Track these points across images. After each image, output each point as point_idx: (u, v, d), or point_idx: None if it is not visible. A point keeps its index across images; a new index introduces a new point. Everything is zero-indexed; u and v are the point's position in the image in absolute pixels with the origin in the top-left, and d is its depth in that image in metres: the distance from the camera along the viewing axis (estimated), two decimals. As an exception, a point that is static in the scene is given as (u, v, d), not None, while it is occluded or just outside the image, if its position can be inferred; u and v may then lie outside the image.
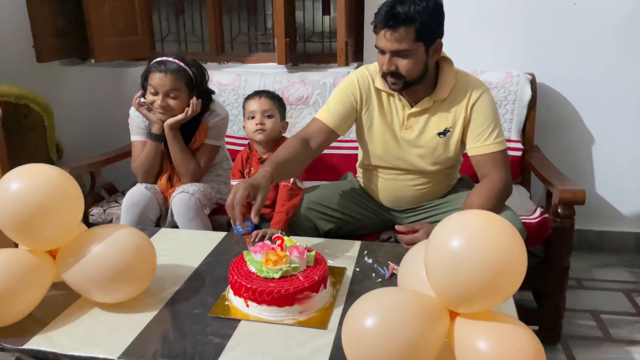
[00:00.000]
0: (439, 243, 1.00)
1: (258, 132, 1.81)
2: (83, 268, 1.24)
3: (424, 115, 1.68)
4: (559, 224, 1.76)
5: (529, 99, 2.22)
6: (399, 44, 1.51)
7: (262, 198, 1.42)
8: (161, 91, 1.88)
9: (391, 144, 1.72)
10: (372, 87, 1.70)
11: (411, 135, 1.70)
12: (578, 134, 2.44)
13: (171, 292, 1.35)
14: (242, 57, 2.83)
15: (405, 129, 1.70)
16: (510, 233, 0.96)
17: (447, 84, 1.63)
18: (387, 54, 1.55)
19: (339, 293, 1.35)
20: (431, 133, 1.68)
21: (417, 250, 1.20)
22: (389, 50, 1.54)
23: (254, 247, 1.34)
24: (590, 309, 2.10)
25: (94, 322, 1.24)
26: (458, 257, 0.95)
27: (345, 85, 1.73)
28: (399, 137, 1.71)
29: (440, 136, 1.68)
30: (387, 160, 1.75)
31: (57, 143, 2.82)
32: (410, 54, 1.53)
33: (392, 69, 1.56)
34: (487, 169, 1.62)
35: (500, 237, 0.95)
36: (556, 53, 2.37)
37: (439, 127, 1.67)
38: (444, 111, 1.66)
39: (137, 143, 2.02)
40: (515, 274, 0.95)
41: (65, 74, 2.87)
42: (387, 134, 1.72)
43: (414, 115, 1.68)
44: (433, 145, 1.69)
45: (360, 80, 1.71)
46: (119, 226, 1.33)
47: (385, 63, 1.56)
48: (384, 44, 1.54)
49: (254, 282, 1.25)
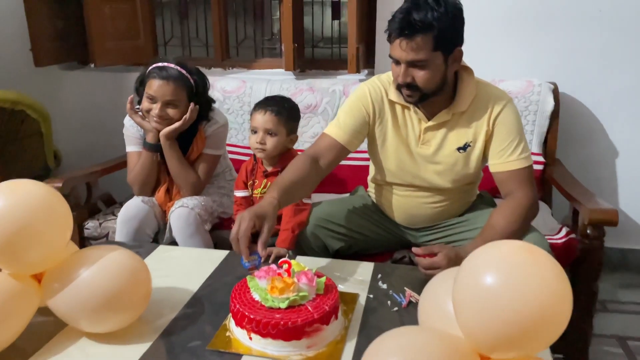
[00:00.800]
0: (471, 277, 0.87)
1: (258, 151, 1.70)
2: (70, 295, 1.12)
3: (442, 129, 1.56)
4: (587, 246, 1.63)
5: (552, 109, 2.10)
6: (416, 54, 1.39)
7: (269, 228, 1.32)
8: (160, 100, 1.77)
9: (406, 160, 1.60)
10: (386, 99, 1.58)
11: (428, 150, 1.58)
12: (601, 146, 2.32)
13: (167, 321, 1.23)
14: (247, 63, 2.72)
15: (421, 143, 1.58)
16: (555, 270, 0.84)
17: (467, 95, 1.52)
18: (402, 65, 1.43)
19: (351, 324, 1.22)
20: (450, 148, 1.56)
21: (442, 280, 1.07)
22: (404, 61, 1.42)
23: (258, 271, 1.23)
24: (615, 334, 1.97)
25: (81, 355, 1.12)
26: (494, 295, 0.83)
27: (356, 98, 1.61)
28: (414, 153, 1.59)
29: (459, 151, 1.56)
30: (402, 177, 1.63)
31: (55, 150, 2.73)
32: (427, 64, 1.41)
33: (408, 81, 1.44)
34: (511, 186, 1.50)
35: (544, 274, 0.83)
36: (579, 61, 2.25)
37: (458, 142, 1.56)
38: (463, 124, 1.54)
39: (133, 154, 1.90)
40: (561, 319, 0.82)
41: (65, 79, 2.79)
42: (401, 149, 1.60)
43: (431, 129, 1.56)
44: (452, 161, 1.57)
45: (372, 92, 1.59)
46: (111, 247, 1.22)
47: (401, 74, 1.44)
48: (399, 54, 1.42)
49: (258, 312, 1.13)
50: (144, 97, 1.79)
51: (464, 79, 1.53)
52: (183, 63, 1.82)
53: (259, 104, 1.73)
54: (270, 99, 1.75)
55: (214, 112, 1.91)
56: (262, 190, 1.73)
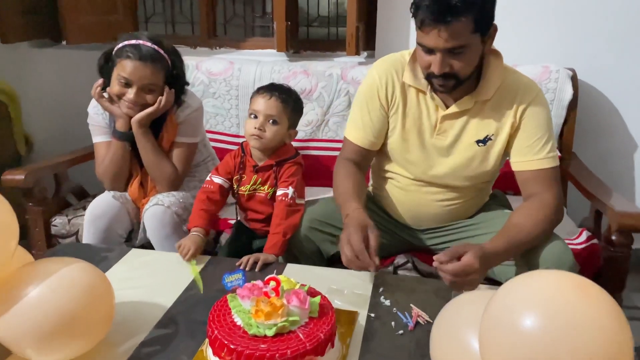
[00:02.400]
0: (505, 315, 0.70)
1: (254, 137, 1.48)
2: (13, 318, 0.95)
3: (462, 118, 1.37)
4: (612, 253, 1.46)
5: (570, 98, 1.91)
6: (456, 40, 1.20)
7: (376, 235, 1.24)
8: (137, 84, 1.55)
9: (417, 152, 1.42)
10: (398, 82, 1.40)
11: (444, 141, 1.39)
12: (620, 139, 2.14)
13: (133, 345, 1.06)
14: (236, 42, 2.51)
15: (437, 134, 1.40)
16: (612, 312, 0.67)
17: (493, 82, 1.33)
18: (437, 54, 1.23)
19: (350, 350, 1.05)
20: (468, 140, 1.38)
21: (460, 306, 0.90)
22: (442, 49, 1.22)
23: (241, 289, 1.04)
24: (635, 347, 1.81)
25: (26, 391, 0.94)
26: (534, 341, 0.66)
27: (368, 89, 1.43)
28: (427, 144, 1.41)
29: (479, 144, 1.38)
30: (411, 170, 1.45)
31: (26, 135, 2.52)
32: (466, 50, 1.23)
33: (446, 70, 1.25)
34: (536, 188, 1.33)
35: (600, 316, 0.66)
36: (600, 46, 2.06)
37: (478, 134, 1.37)
38: (486, 115, 1.36)
39: (101, 145, 1.69)
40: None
41: (35, 58, 2.56)
42: (413, 139, 1.42)
43: (450, 117, 1.38)
44: (469, 155, 1.39)
45: (382, 77, 1.41)
46: (64, 260, 1.03)
47: (437, 64, 1.24)
48: (434, 43, 1.22)
49: (240, 341, 0.95)
50: (115, 79, 1.57)
51: (491, 63, 1.34)
52: (158, 40, 1.60)
53: (263, 88, 1.52)
54: (277, 86, 1.54)
55: (186, 95, 1.70)
56: (251, 187, 1.53)
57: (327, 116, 2.09)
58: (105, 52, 1.63)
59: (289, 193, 1.47)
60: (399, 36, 2.21)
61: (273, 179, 1.52)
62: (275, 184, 1.51)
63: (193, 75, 2.16)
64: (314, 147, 2.11)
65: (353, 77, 2.06)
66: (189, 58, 2.21)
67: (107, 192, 1.68)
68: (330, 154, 2.10)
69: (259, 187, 1.53)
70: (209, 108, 2.15)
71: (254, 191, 1.54)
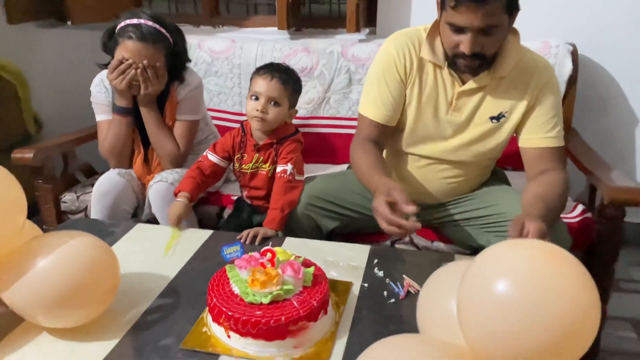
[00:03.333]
0: (481, 281, 0.74)
1: (256, 119, 1.50)
2: (25, 287, 1.00)
3: (478, 94, 1.38)
4: (605, 227, 1.48)
5: (570, 73, 1.91)
6: (490, 20, 1.21)
7: (400, 190, 1.23)
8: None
9: (431, 128, 1.43)
10: (415, 57, 1.39)
11: (459, 117, 1.40)
12: (622, 115, 2.14)
13: (138, 313, 1.11)
14: (238, 21, 2.51)
15: (453, 110, 1.40)
16: (582, 277, 0.70)
17: (510, 59, 1.34)
18: (469, 33, 1.24)
19: (343, 318, 1.10)
20: (483, 117, 1.40)
21: (445, 275, 0.94)
22: (474, 29, 1.23)
23: (239, 260, 1.09)
24: (629, 317, 1.85)
25: (39, 354, 1.01)
26: (508, 305, 0.70)
27: (385, 63, 1.42)
28: (442, 120, 1.42)
29: (492, 121, 1.39)
30: (422, 147, 1.46)
31: (36, 115, 2.56)
32: (497, 30, 1.24)
33: (477, 50, 1.26)
34: (546, 165, 1.35)
35: (568, 282, 0.69)
36: (601, 20, 2.04)
37: (493, 111, 1.39)
38: (501, 92, 1.37)
39: (104, 123, 1.73)
40: (586, 337, 0.69)
41: (41, 37, 2.59)
42: (427, 115, 1.42)
43: (466, 94, 1.39)
44: (482, 132, 1.41)
45: (399, 50, 1.40)
46: (72, 234, 1.08)
47: (469, 44, 1.24)
48: (468, 21, 1.22)
49: (237, 308, 1.01)
50: (117, 57, 1.60)
51: (509, 40, 1.35)
52: (159, 18, 1.62)
53: (263, 69, 1.53)
54: (275, 66, 1.55)
55: (186, 72, 1.72)
56: (253, 165, 1.57)
57: (328, 94, 2.11)
58: (108, 30, 1.65)
59: (287, 169, 1.51)
60: (400, 12, 2.21)
61: (274, 157, 1.55)
62: (275, 161, 1.55)
63: (196, 54, 2.18)
64: (315, 125, 2.14)
65: (354, 54, 2.07)
66: (191, 37, 2.24)
67: (112, 169, 1.73)
68: (331, 131, 2.13)
69: (260, 165, 1.57)
70: (212, 86, 2.18)
71: (256, 169, 1.58)
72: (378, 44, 2.03)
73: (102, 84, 1.73)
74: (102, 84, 1.74)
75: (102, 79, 1.74)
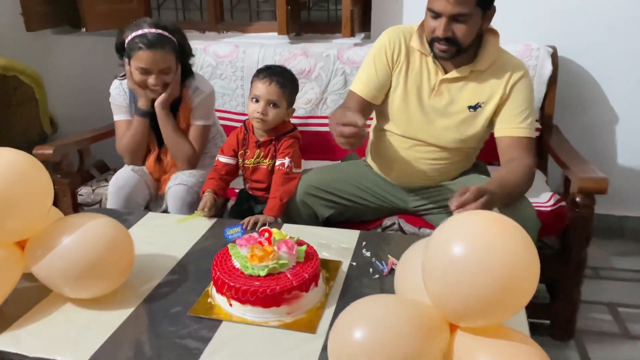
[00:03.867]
0: (439, 246, 0.87)
1: (257, 120, 1.64)
2: (52, 262, 1.14)
3: (458, 84, 1.56)
4: (577, 214, 1.61)
5: (549, 74, 2.04)
6: (461, 7, 1.40)
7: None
8: (155, 70, 1.72)
9: (415, 110, 1.60)
10: (404, 45, 1.59)
11: (440, 102, 1.58)
12: (601, 112, 2.26)
13: (150, 287, 1.25)
14: (242, 27, 2.67)
15: (435, 95, 1.58)
16: (521, 239, 0.83)
17: (489, 56, 1.52)
18: (443, 18, 1.43)
19: (332, 291, 1.24)
20: (461, 104, 1.56)
21: (418, 249, 1.07)
22: (447, 14, 1.42)
23: (240, 239, 1.23)
24: (606, 302, 1.97)
25: (64, 321, 1.15)
26: (460, 265, 0.83)
27: (377, 49, 1.63)
28: (425, 104, 1.59)
29: (470, 110, 1.56)
30: (407, 128, 1.63)
31: (51, 116, 2.71)
32: (469, 19, 1.43)
33: (449, 35, 1.44)
34: (515, 153, 1.50)
35: (509, 243, 0.82)
36: (581, 24, 2.17)
37: (470, 100, 1.55)
38: (479, 84, 1.54)
39: (122, 123, 1.88)
40: (526, 289, 0.82)
41: (57, 44, 2.75)
42: (412, 98, 1.60)
43: (448, 81, 1.56)
44: (461, 118, 1.57)
45: (391, 40, 1.60)
46: (93, 216, 1.22)
47: (442, 28, 1.44)
48: (442, 7, 1.42)
49: (238, 279, 1.15)
50: (135, 70, 1.73)
51: (489, 40, 1.53)
52: (160, 24, 1.75)
53: (262, 73, 1.65)
54: (273, 69, 1.68)
55: (197, 81, 1.87)
56: (255, 160, 1.71)
57: (325, 94, 2.25)
58: (116, 44, 1.80)
59: (285, 162, 1.65)
60: (393, 18, 2.34)
61: (273, 152, 1.69)
62: (274, 156, 1.69)
63: (202, 58, 2.33)
64: (313, 124, 2.27)
65: (349, 57, 2.21)
66: (198, 42, 2.39)
67: (126, 166, 1.88)
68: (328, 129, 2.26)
69: (261, 160, 1.71)
70: (217, 88, 2.32)
71: (257, 164, 1.72)
72: (371, 48, 2.17)
73: (121, 87, 1.87)
74: (121, 87, 1.87)
75: (120, 82, 1.89)
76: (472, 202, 1.20)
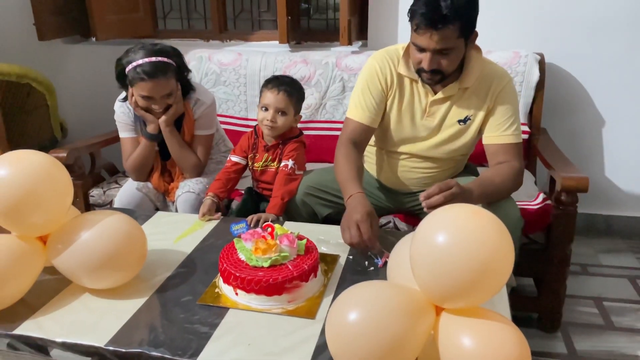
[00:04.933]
0: (424, 237, 0.97)
1: (267, 127, 1.75)
2: (72, 255, 1.23)
3: (447, 103, 1.63)
4: (561, 212, 1.71)
5: (537, 80, 2.14)
6: (444, 43, 1.45)
7: (377, 222, 1.48)
8: (157, 96, 1.79)
9: (409, 131, 1.68)
10: (394, 72, 1.65)
11: (432, 122, 1.65)
12: (588, 116, 2.36)
13: (162, 279, 1.35)
14: (245, 35, 2.77)
15: (427, 116, 1.65)
16: (497, 229, 0.93)
17: (474, 72, 1.59)
18: (428, 53, 1.49)
19: (330, 282, 1.33)
20: (452, 120, 1.64)
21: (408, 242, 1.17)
22: (431, 50, 1.47)
23: (244, 234, 1.33)
24: (593, 296, 2.07)
25: (83, 309, 1.24)
26: (442, 252, 0.93)
27: (369, 75, 1.67)
28: (418, 125, 1.67)
29: (460, 124, 1.64)
30: (402, 146, 1.71)
31: (62, 122, 2.82)
32: (452, 51, 1.48)
33: (434, 67, 1.50)
34: (502, 158, 1.59)
35: (486, 233, 0.92)
36: (567, 31, 2.28)
37: (460, 115, 1.63)
38: (467, 99, 1.62)
39: (127, 140, 1.95)
40: (501, 272, 0.92)
41: (68, 52, 2.85)
42: (406, 120, 1.67)
43: (437, 102, 1.64)
44: (452, 133, 1.65)
45: (382, 67, 1.65)
46: (109, 212, 1.32)
47: (428, 62, 1.49)
48: (425, 44, 1.47)
49: (243, 270, 1.24)
50: (138, 97, 1.79)
51: (472, 57, 1.59)
52: (155, 49, 1.79)
53: (271, 83, 1.76)
54: (281, 79, 1.79)
55: (198, 93, 1.94)
56: (263, 164, 1.81)
57: (324, 100, 2.35)
58: (118, 69, 1.82)
59: (289, 164, 1.75)
60: (389, 27, 2.45)
61: (279, 156, 1.80)
62: (281, 159, 1.79)
63: (206, 66, 2.44)
64: (313, 128, 2.37)
65: (346, 64, 2.32)
66: (202, 50, 2.50)
67: (130, 182, 1.95)
68: (327, 133, 2.37)
69: (269, 163, 1.82)
70: (221, 94, 2.44)
71: (265, 167, 1.82)
72: (369, 55, 2.26)
73: (125, 106, 1.93)
74: (125, 105, 1.93)
75: (122, 103, 1.94)
76: (437, 194, 1.34)
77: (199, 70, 2.43)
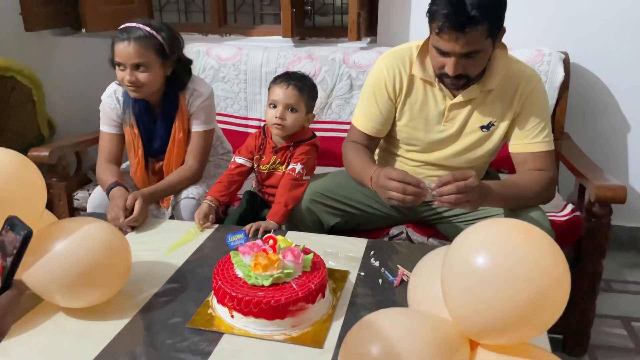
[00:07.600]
0: (460, 258, 0.81)
1: (276, 127, 1.59)
2: (43, 268, 1.08)
3: (468, 107, 1.47)
4: (593, 224, 1.55)
5: (561, 80, 1.99)
6: (471, 46, 1.29)
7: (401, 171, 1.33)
8: (127, 63, 1.61)
9: (424, 139, 1.52)
10: (405, 74, 1.49)
11: (451, 129, 1.49)
12: (613, 120, 2.21)
13: (148, 296, 1.19)
14: (246, 30, 2.62)
15: (445, 121, 1.49)
16: (553, 252, 0.77)
17: (498, 72, 1.42)
18: (452, 57, 1.32)
19: (340, 302, 1.17)
20: (473, 127, 1.48)
21: (433, 259, 1.01)
22: (457, 54, 1.31)
23: (243, 247, 1.17)
24: (620, 315, 1.91)
25: (56, 331, 1.09)
26: (484, 278, 0.77)
27: (375, 80, 1.52)
28: (435, 132, 1.51)
29: (483, 130, 1.48)
30: (416, 154, 1.56)
31: (49, 118, 2.66)
32: (479, 54, 1.32)
33: (460, 72, 1.34)
34: (533, 167, 1.44)
35: (540, 256, 0.76)
36: (593, 29, 2.12)
37: (483, 120, 1.47)
38: (490, 102, 1.45)
39: (106, 136, 1.77)
40: (556, 305, 0.76)
41: (57, 45, 2.71)
42: (420, 127, 1.52)
43: (457, 106, 1.47)
44: (473, 140, 1.49)
45: (389, 69, 1.50)
46: (88, 220, 1.16)
47: (452, 67, 1.33)
48: (450, 48, 1.30)
49: (240, 289, 1.08)
50: (116, 66, 1.65)
51: (497, 56, 1.42)
52: (148, 21, 1.67)
53: (279, 78, 1.62)
54: (290, 74, 1.64)
55: (194, 83, 1.76)
56: (270, 166, 1.66)
57: (330, 99, 2.19)
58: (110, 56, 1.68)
59: (297, 168, 1.58)
60: (400, 23, 2.30)
61: (289, 159, 1.64)
62: (289, 163, 1.63)
63: (204, 61, 2.28)
64: (318, 129, 2.20)
65: (355, 61, 2.16)
66: (200, 44, 2.35)
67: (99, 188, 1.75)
68: (333, 134, 2.21)
69: (277, 166, 1.66)
70: (219, 92, 2.28)
71: (272, 170, 1.66)
72: (379, 52, 2.12)
73: (114, 96, 1.76)
74: (114, 95, 1.76)
75: (115, 90, 1.77)
76: (450, 185, 1.22)
77: (196, 66, 2.27)
